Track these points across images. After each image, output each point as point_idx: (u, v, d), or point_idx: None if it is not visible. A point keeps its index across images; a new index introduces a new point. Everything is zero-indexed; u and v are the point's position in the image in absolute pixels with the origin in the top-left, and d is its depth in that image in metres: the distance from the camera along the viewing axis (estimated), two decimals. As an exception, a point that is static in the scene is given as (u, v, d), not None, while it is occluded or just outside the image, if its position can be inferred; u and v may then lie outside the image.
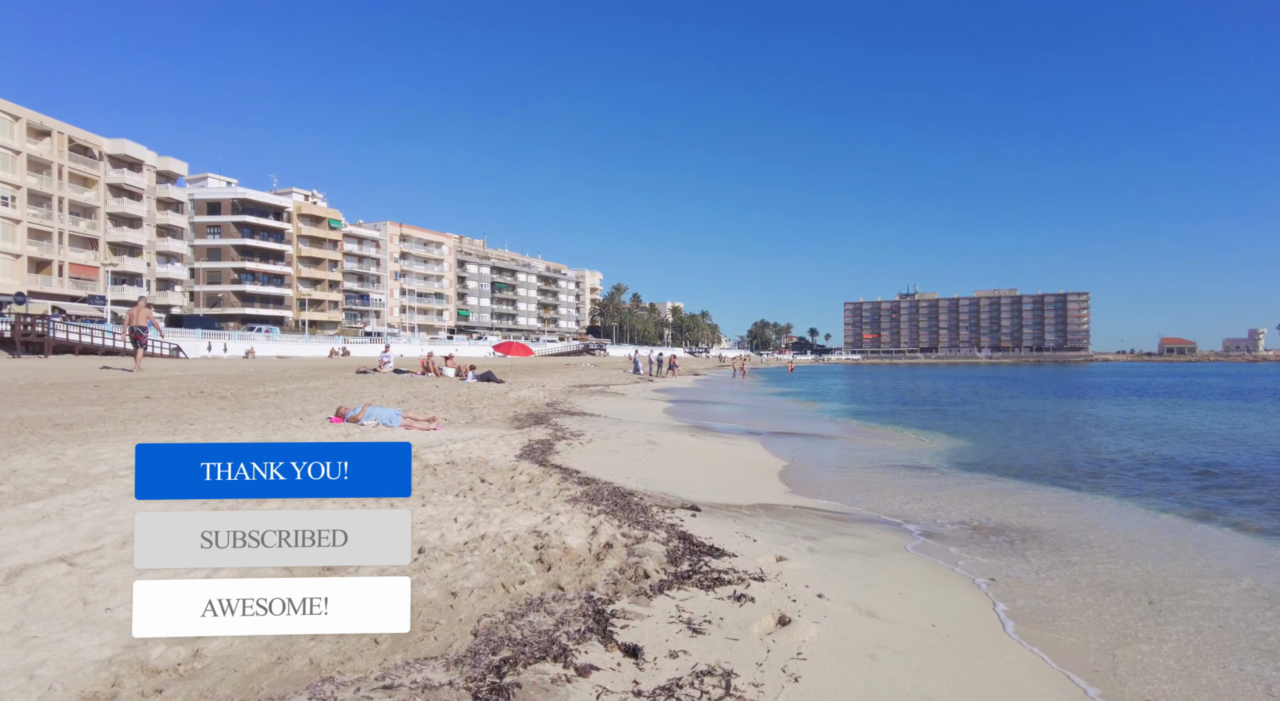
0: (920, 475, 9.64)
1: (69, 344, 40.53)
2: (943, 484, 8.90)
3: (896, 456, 11.51)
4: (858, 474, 9.37)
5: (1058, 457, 12.12)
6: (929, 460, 11.32)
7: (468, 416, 13.60)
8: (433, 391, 18.03)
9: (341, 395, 15.84)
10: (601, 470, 7.89)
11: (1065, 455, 12.53)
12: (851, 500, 7.43)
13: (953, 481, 9.11)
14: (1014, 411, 23.89)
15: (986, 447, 13.39)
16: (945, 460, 11.46)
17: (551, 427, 12.03)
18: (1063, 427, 18.03)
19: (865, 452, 11.95)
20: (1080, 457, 12.14)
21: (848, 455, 11.44)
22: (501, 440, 9.76)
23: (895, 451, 12.13)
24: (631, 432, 11.80)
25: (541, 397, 19.24)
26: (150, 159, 74.86)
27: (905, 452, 12.13)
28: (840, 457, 11.12)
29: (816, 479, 8.89)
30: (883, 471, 9.82)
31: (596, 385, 28.81)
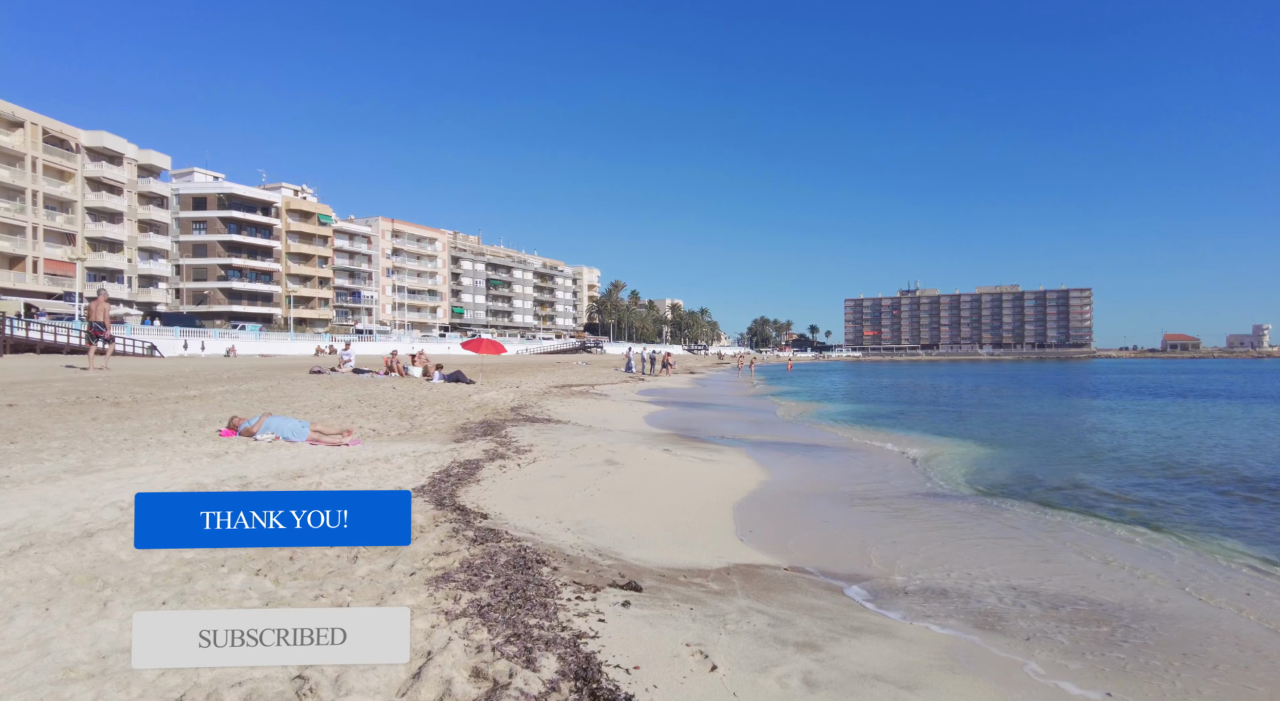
0: (944, 508, 7.59)
1: (29, 342, 38.47)
2: (977, 523, 6.85)
3: (911, 476, 9.47)
4: (867, 510, 7.31)
5: (1098, 475, 10.11)
6: (948, 480, 9.29)
7: (406, 425, 11.58)
8: (383, 394, 15.99)
9: (272, 399, 13.83)
10: (528, 508, 5.87)
11: (1105, 471, 10.53)
12: (863, 556, 5.39)
13: (988, 519, 7.06)
14: (1029, 414, 21.87)
15: (1010, 460, 11.37)
16: (967, 479, 9.45)
17: (498, 440, 10.01)
18: (1088, 432, 16.02)
19: (875, 471, 9.89)
20: (1122, 475, 10.15)
21: (855, 476, 9.38)
22: (418, 461, 7.74)
23: (909, 469, 10.08)
24: (594, 446, 9.76)
25: (509, 401, 17.21)
26: (131, 152, 72.72)
27: (920, 470, 10.08)
28: (846, 480, 9.07)
29: (815, 516, 6.84)
30: (900, 503, 7.76)
31: (580, 385, 26.77)
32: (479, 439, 10.21)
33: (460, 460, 8.00)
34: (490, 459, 8.20)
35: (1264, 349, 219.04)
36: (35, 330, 40.05)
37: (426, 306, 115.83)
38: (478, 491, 6.37)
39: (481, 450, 8.90)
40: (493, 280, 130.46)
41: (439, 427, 11.62)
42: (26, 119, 60.98)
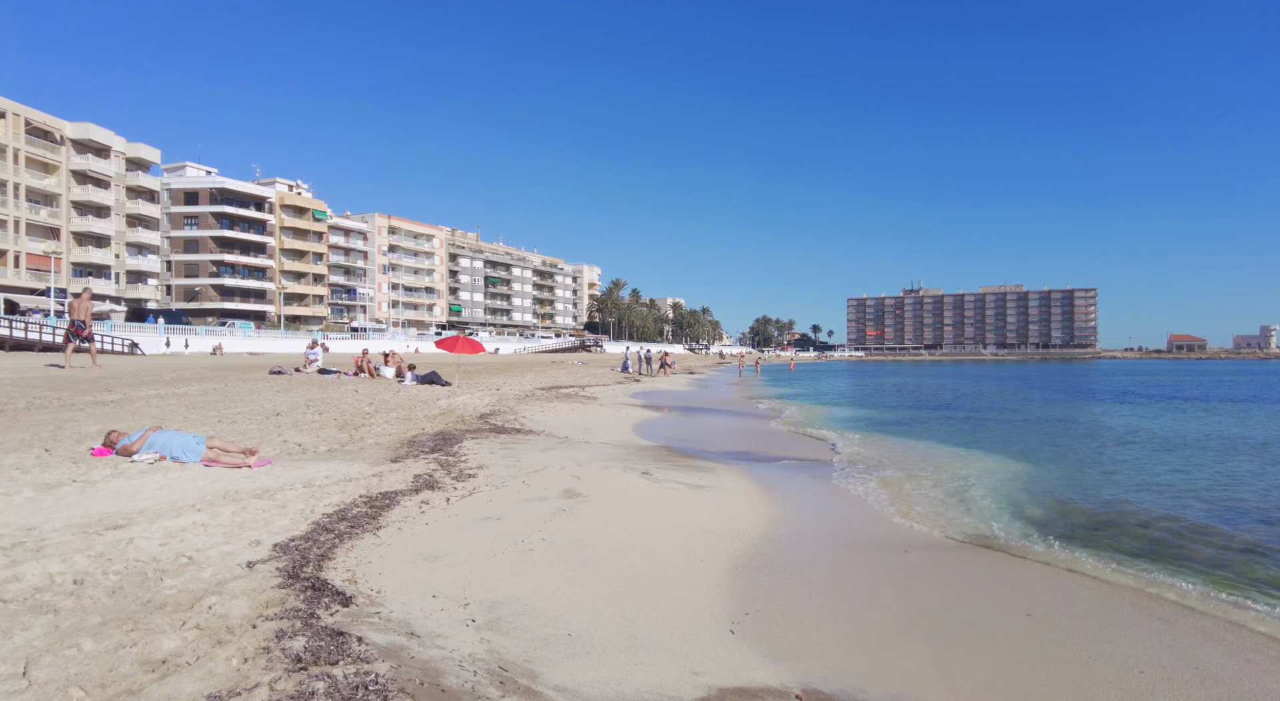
0: (1004, 566, 5.80)
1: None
2: (1061, 598, 5.05)
3: (947, 509, 7.66)
4: (904, 567, 5.53)
5: (1161, 501, 8.35)
6: (991, 514, 7.49)
7: (343, 438, 9.81)
8: (339, 399, 14.23)
9: (207, 404, 12.08)
10: (427, 579, 4.11)
11: (1165, 496, 8.75)
12: (913, 665, 3.60)
13: (1073, 591, 5.26)
14: (1049, 420, 20.04)
15: (1051, 483, 9.57)
16: (1012, 512, 7.67)
17: (443, 460, 8.23)
18: (1121, 443, 14.18)
19: (904, 501, 8.10)
20: (1185, 501, 8.36)
21: (881, 510, 7.58)
22: (318, 493, 5.97)
23: (942, 498, 8.27)
24: (557, 468, 7.98)
25: (481, 406, 15.43)
26: (119, 145, 71.01)
27: (955, 497, 8.28)
28: (871, 517, 7.28)
29: (841, 582, 5.02)
30: (943, 556, 5.97)
31: (570, 387, 24.98)
32: (421, 457, 8.44)
33: (375, 492, 6.22)
34: (416, 490, 6.41)
35: (1271, 350, 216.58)
36: (4, 326, 38.37)
37: (423, 304, 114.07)
38: (368, 548, 4.59)
39: (413, 476, 7.12)
40: (491, 278, 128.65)
41: (382, 442, 9.85)
42: (8, 109, 59.26)
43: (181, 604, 3.32)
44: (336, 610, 3.47)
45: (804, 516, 6.93)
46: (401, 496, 6.12)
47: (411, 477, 7.03)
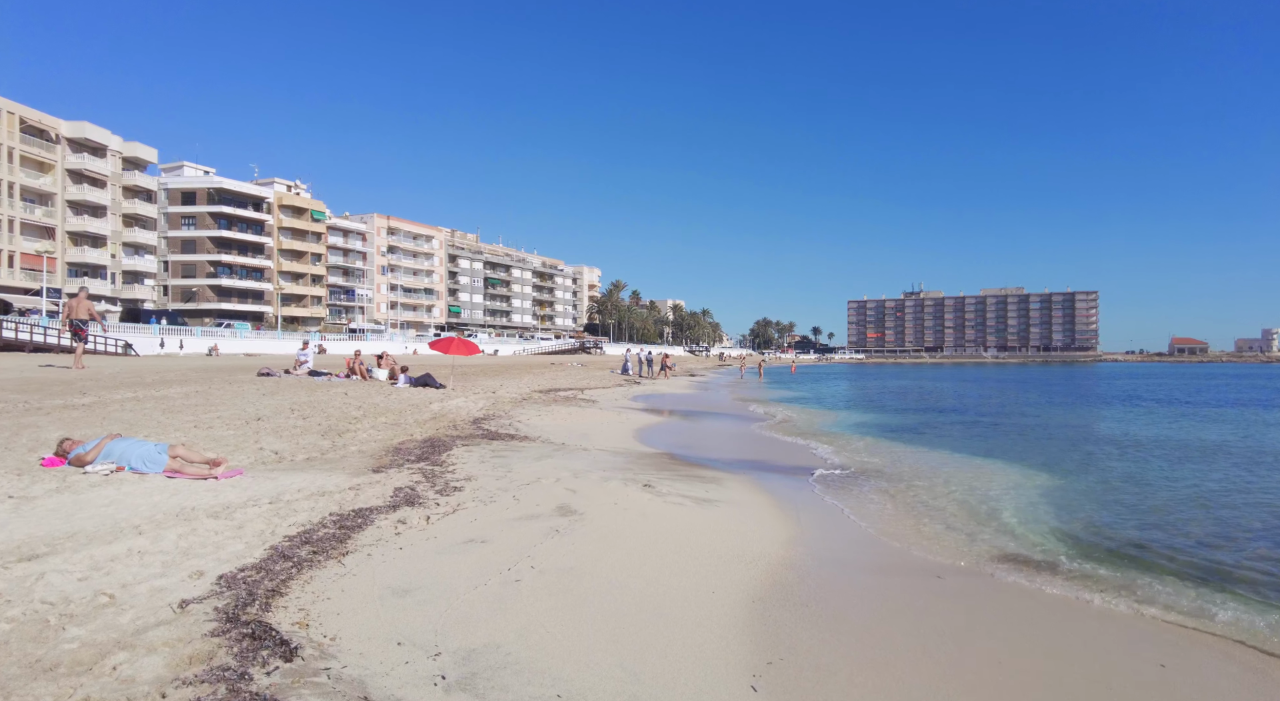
0: (1067, 607, 5.18)
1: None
2: (1141, 641, 4.44)
3: (978, 528, 7.02)
4: (953, 596, 4.92)
5: (1212, 517, 7.73)
6: (1032, 532, 6.88)
7: (325, 445, 9.19)
8: (327, 402, 13.61)
9: (186, 408, 11.46)
10: (393, 620, 3.49)
11: (1214, 512, 8.13)
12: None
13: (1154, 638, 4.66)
14: (1068, 426, 19.41)
15: (1087, 496, 8.95)
16: (1054, 529, 7.05)
17: (428, 470, 7.61)
18: (1147, 449, 13.55)
19: (935, 516, 7.47)
20: (1238, 514, 7.74)
21: (912, 526, 6.95)
22: (283, 511, 5.35)
23: (971, 515, 7.64)
24: (551, 480, 7.36)
25: (475, 410, 14.81)
26: (115, 144, 70.46)
27: (985, 514, 7.65)
28: (902, 534, 6.66)
29: (880, 622, 4.38)
30: (983, 586, 5.36)
31: (568, 390, 24.35)
32: (405, 467, 7.81)
33: (349, 509, 5.60)
34: (394, 506, 5.79)
35: (1273, 353, 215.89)
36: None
37: (422, 305, 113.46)
38: (329, 580, 3.97)
39: (393, 489, 6.49)
40: (491, 279, 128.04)
41: (366, 449, 9.23)
42: (2, 107, 58.70)
43: (80, 663, 2.70)
44: (276, 667, 2.84)
45: (823, 535, 6.30)
46: (377, 514, 5.50)
47: (391, 491, 6.41)
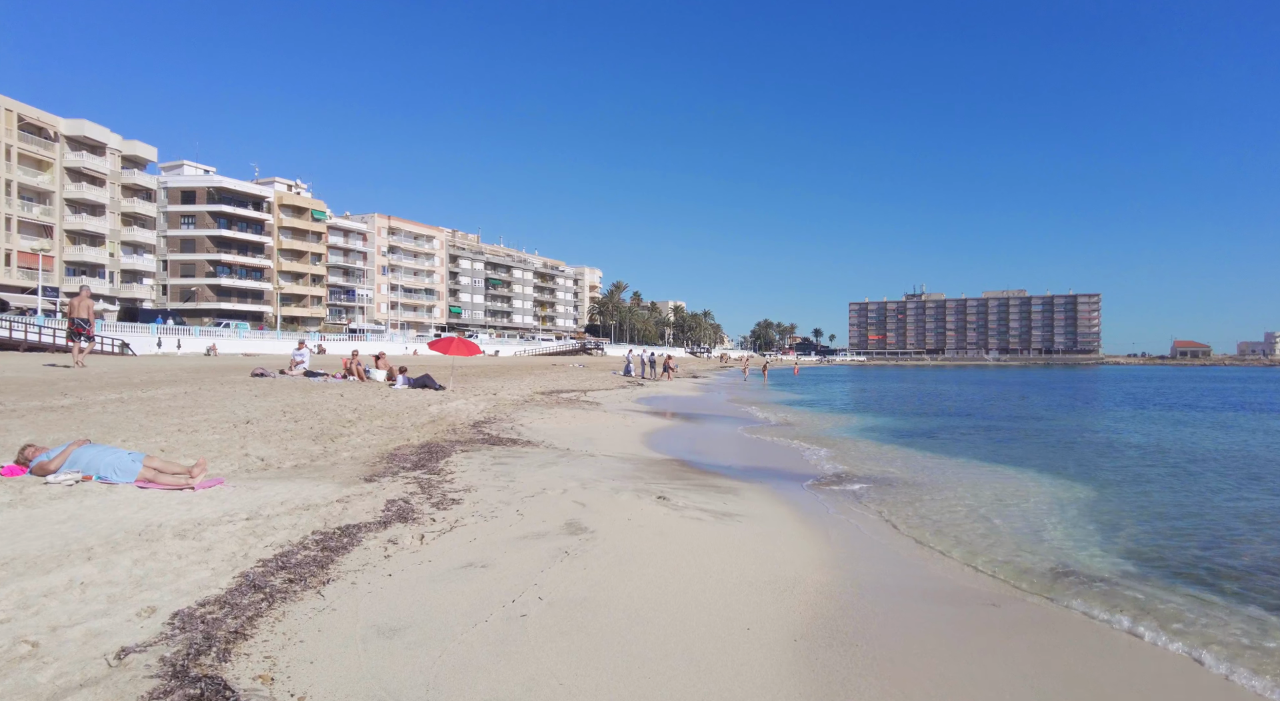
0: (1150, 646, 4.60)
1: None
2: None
3: (1026, 548, 6.43)
4: (1026, 630, 4.36)
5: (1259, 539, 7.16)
6: (1083, 554, 6.31)
7: (316, 451, 8.63)
8: (321, 404, 13.05)
9: (174, 410, 10.90)
10: (375, 669, 2.93)
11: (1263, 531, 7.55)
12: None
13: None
14: (1092, 430, 18.82)
15: (1137, 511, 8.37)
16: (1103, 549, 6.50)
17: (425, 479, 7.04)
18: (1174, 454, 12.98)
19: (981, 534, 6.89)
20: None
21: (942, 551, 6.37)
22: (261, 528, 4.78)
23: (1015, 532, 7.05)
24: (558, 491, 6.79)
25: (475, 413, 14.24)
26: (114, 142, 69.98)
27: (1029, 531, 7.06)
28: (936, 561, 6.08)
29: (942, 672, 3.78)
30: (1047, 616, 4.78)
31: (570, 391, 23.79)
32: (400, 476, 7.24)
33: (334, 525, 5.03)
34: (385, 522, 5.22)
35: (1275, 356, 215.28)
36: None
37: (423, 306, 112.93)
38: (304, 616, 3.40)
39: (385, 502, 5.92)
40: (492, 279, 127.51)
41: (359, 455, 8.66)
42: (0, 105, 58.19)
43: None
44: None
45: (858, 556, 5.73)
46: (366, 532, 4.93)
47: (383, 504, 5.84)
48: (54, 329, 41.24)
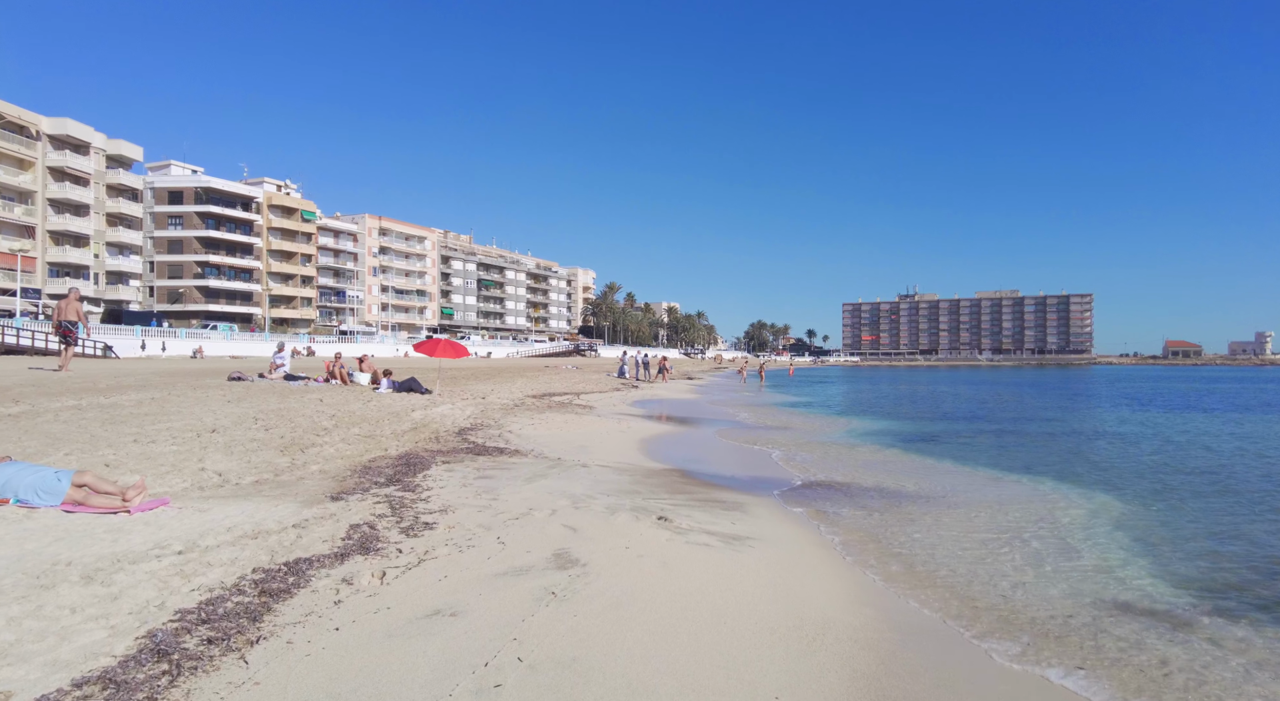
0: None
1: (-50, 341, 34.67)
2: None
3: (1075, 573, 5.74)
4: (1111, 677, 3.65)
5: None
6: (1139, 582, 5.62)
7: (282, 463, 7.87)
8: (297, 410, 12.27)
9: (135, 417, 10.11)
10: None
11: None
12: None
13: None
14: (1101, 432, 18.20)
15: (1190, 528, 7.71)
16: (1154, 573, 5.81)
17: (398, 497, 6.29)
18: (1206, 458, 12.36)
19: (1000, 558, 6.19)
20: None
21: (985, 581, 5.66)
22: (193, 566, 4.03)
23: (1056, 555, 6.36)
24: (546, 510, 6.05)
25: (461, 418, 13.49)
26: (98, 141, 68.75)
27: (1064, 552, 6.38)
28: (980, 593, 5.38)
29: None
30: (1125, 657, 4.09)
31: (563, 394, 23.04)
32: (371, 493, 6.49)
33: (282, 560, 4.28)
34: (343, 555, 4.47)
35: (1266, 356, 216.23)
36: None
37: (415, 307, 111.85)
38: (217, 693, 2.65)
39: (347, 527, 5.17)
40: (484, 281, 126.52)
41: (330, 468, 7.90)
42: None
43: None
44: None
45: (891, 588, 5.01)
46: (318, 568, 4.18)
47: (345, 530, 5.09)
48: (33, 331, 40.21)
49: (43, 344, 38.73)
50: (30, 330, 41.17)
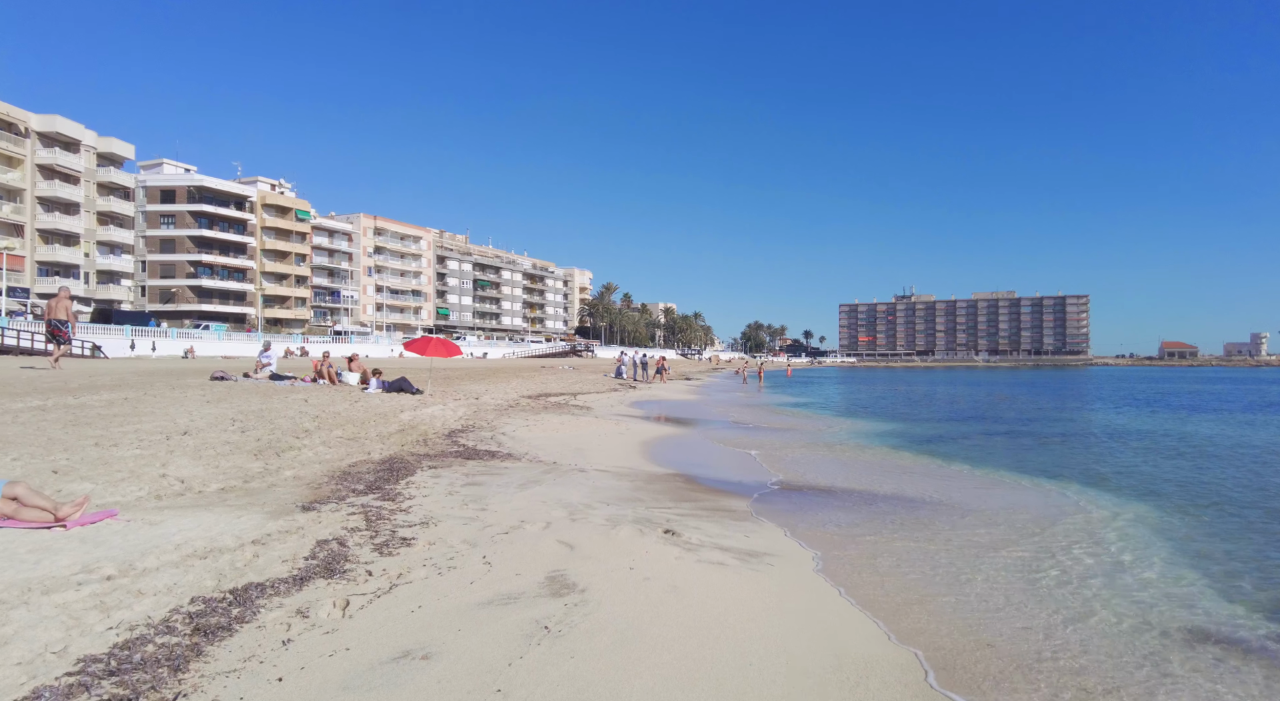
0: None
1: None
2: None
3: (1132, 593, 5.14)
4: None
5: None
6: (1194, 595, 5.02)
7: (255, 468, 7.23)
8: (279, 412, 11.61)
9: (106, 418, 9.45)
10: None
11: None
12: None
13: None
14: (1115, 434, 17.63)
15: (1224, 538, 7.12)
16: (1219, 595, 5.21)
17: (375, 507, 5.65)
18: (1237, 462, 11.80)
19: (1044, 574, 5.58)
20: None
21: (1035, 609, 5.06)
22: (123, 590, 3.39)
23: (1098, 564, 5.77)
24: (538, 522, 5.42)
25: (452, 420, 12.85)
26: (89, 139, 67.90)
27: (1108, 563, 5.78)
28: (1040, 626, 4.77)
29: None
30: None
31: (559, 395, 22.41)
32: (346, 502, 5.86)
33: (229, 586, 3.64)
34: (303, 578, 3.83)
35: (1262, 357, 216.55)
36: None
37: (410, 307, 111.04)
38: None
39: (314, 543, 4.53)
40: (480, 281, 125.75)
41: (305, 474, 7.26)
42: (-33, 99, 56.14)
43: None
44: None
45: (934, 611, 4.39)
46: (270, 597, 3.54)
47: (311, 546, 4.45)
48: (18, 331, 39.42)
49: (28, 344, 37.99)
50: (15, 330, 40.38)
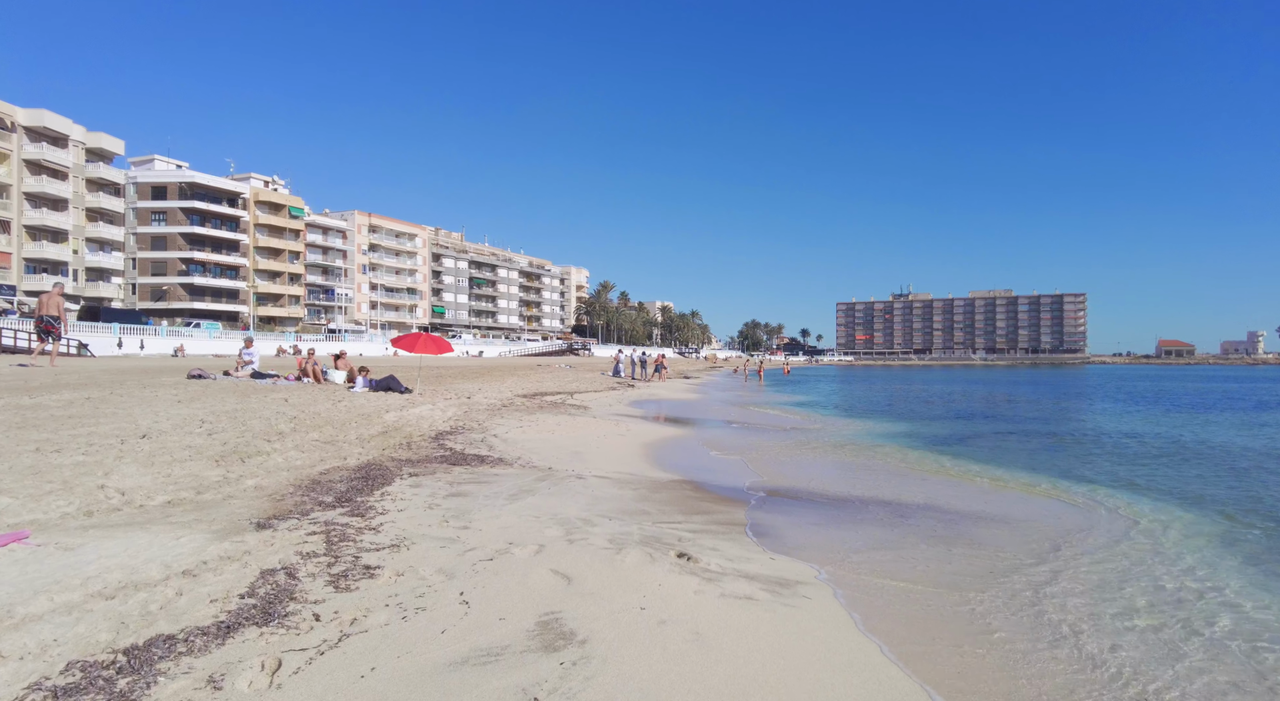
0: None
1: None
2: None
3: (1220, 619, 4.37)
4: None
5: None
6: None
7: (214, 477, 6.42)
8: (253, 412, 10.78)
9: (50, 422, 8.62)
10: None
11: None
12: None
13: None
14: (1135, 434, 16.90)
15: None
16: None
17: (341, 524, 4.85)
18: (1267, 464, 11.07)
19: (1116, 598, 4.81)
20: None
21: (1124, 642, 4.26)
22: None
23: (1171, 582, 5.00)
24: (529, 544, 4.62)
25: (441, 420, 12.03)
26: (77, 134, 66.82)
27: (1180, 586, 5.02)
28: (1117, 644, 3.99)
29: None
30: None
31: (556, 394, 21.60)
32: (309, 517, 5.05)
33: (126, 643, 2.84)
34: (229, 629, 3.03)
35: (1258, 355, 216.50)
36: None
37: (405, 305, 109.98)
38: None
39: (258, 574, 3.73)
40: (476, 279, 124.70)
41: (268, 484, 6.44)
42: (-48, 92, 55.08)
43: None
44: None
45: (1003, 660, 3.61)
46: (178, 657, 2.74)
47: (251, 580, 3.65)
48: (2, 329, 38.46)
49: (12, 342, 37.09)
50: (0, 327, 39.42)
